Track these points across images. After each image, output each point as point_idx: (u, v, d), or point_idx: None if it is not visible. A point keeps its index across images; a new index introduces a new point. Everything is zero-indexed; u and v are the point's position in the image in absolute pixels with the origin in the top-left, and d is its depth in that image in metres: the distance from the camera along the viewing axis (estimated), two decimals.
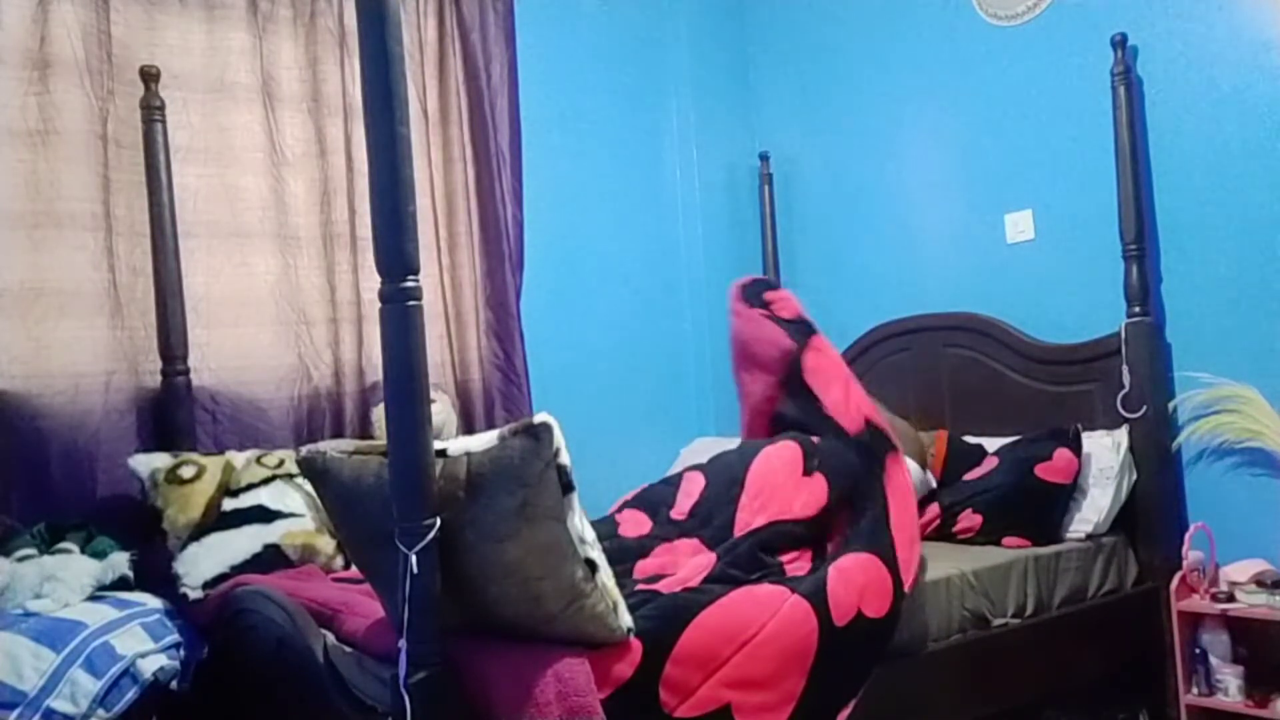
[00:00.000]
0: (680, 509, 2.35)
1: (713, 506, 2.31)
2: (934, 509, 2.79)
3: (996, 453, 2.85)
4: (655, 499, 2.43)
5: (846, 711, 1.92)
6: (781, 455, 2.34)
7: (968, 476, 2.83)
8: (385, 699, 1.47)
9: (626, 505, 2.48)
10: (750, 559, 2.08)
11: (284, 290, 2.87)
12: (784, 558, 2.15)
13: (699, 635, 1.73)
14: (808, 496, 2.23)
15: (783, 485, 2.27)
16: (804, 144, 3.86)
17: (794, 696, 1.82)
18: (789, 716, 1.81)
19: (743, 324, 2.69)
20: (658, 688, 1.67)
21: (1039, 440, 2.75)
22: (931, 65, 3.39)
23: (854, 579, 2.01)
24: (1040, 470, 2.65)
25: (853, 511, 2.24)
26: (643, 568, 2.12)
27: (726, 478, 2.36)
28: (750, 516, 2.22)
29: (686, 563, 2.12)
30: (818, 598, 1.92)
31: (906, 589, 2.09)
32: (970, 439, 3.00)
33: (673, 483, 2.47)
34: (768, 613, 1.84)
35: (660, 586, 1.94)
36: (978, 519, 2.69)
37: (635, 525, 2.34)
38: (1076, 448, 2.69)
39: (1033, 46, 3.09)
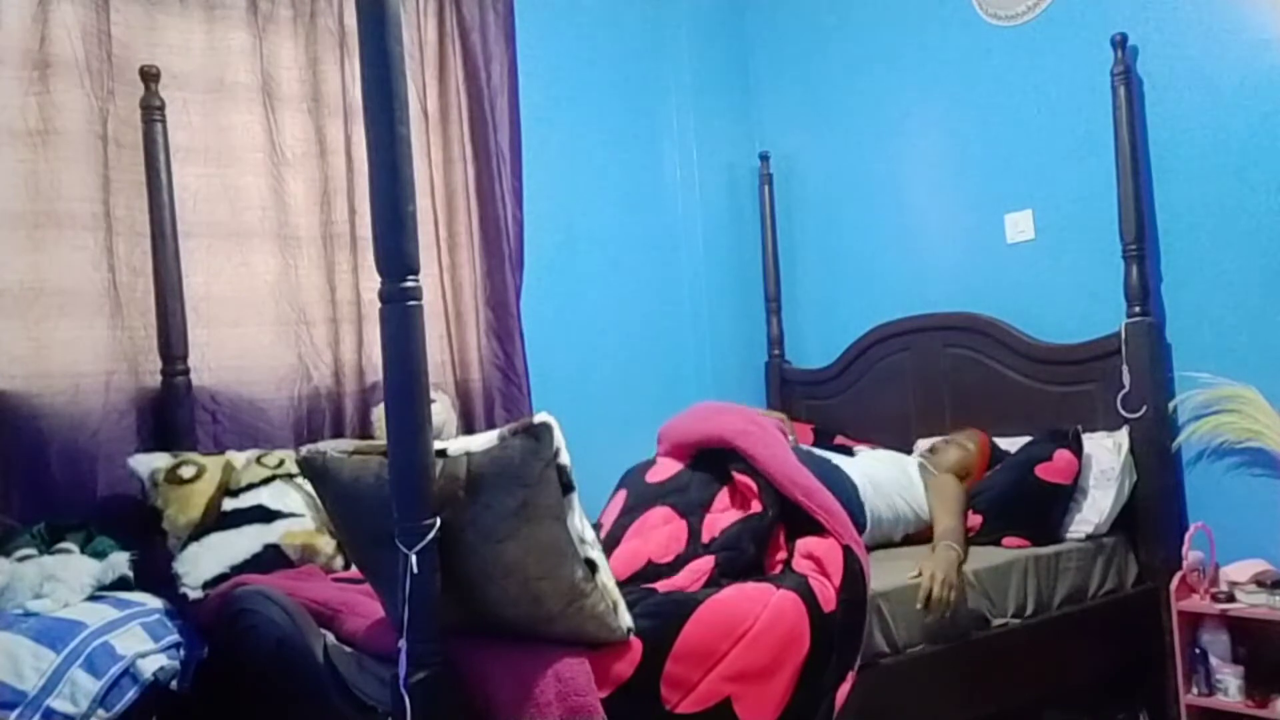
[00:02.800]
0: (657, 476, 2.42)
1: (691, 481, 2.36)
2: None
3: None
4: (633, 475, 2.51)
5: (847, 686, 1.93)
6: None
7: None
8: (385, 699, 1.47)
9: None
10: (749, 562, 2.10)
11: (284, 290, 2.87)
12: (769, 556, 2.18)
13: (697, 631, 1.74)
14: (750, 496, 2.29)
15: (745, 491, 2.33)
16: (804, 144, 3.86)
17: (791, 683, 1.83)
18: (788, 703, 1.82)
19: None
20: (659, 685, 1.67)
21: (1039, 440, 2.75)
22: (931, 65, 3.39)
23: (818, 556, 2.06)
24: (1040, 470, 2.65)
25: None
26: (616, 558, 2.16)
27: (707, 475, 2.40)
28: (725, 513, 2.28)
29: (659, 535, 2.20)
30: (803, 589, 1.95)
31: (843, 538, 2.11)
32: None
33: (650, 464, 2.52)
34: (760, 605, 1.86)
35: (657, 586, 1.94)
36: (977, 518, 2.69)
37: (613, 509, 2.41)
38: (1077, 449, 2.68)
39: (1033, 46, 3.09)
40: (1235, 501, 2.64)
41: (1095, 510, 2.68)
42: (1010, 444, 2.93)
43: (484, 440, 1.53)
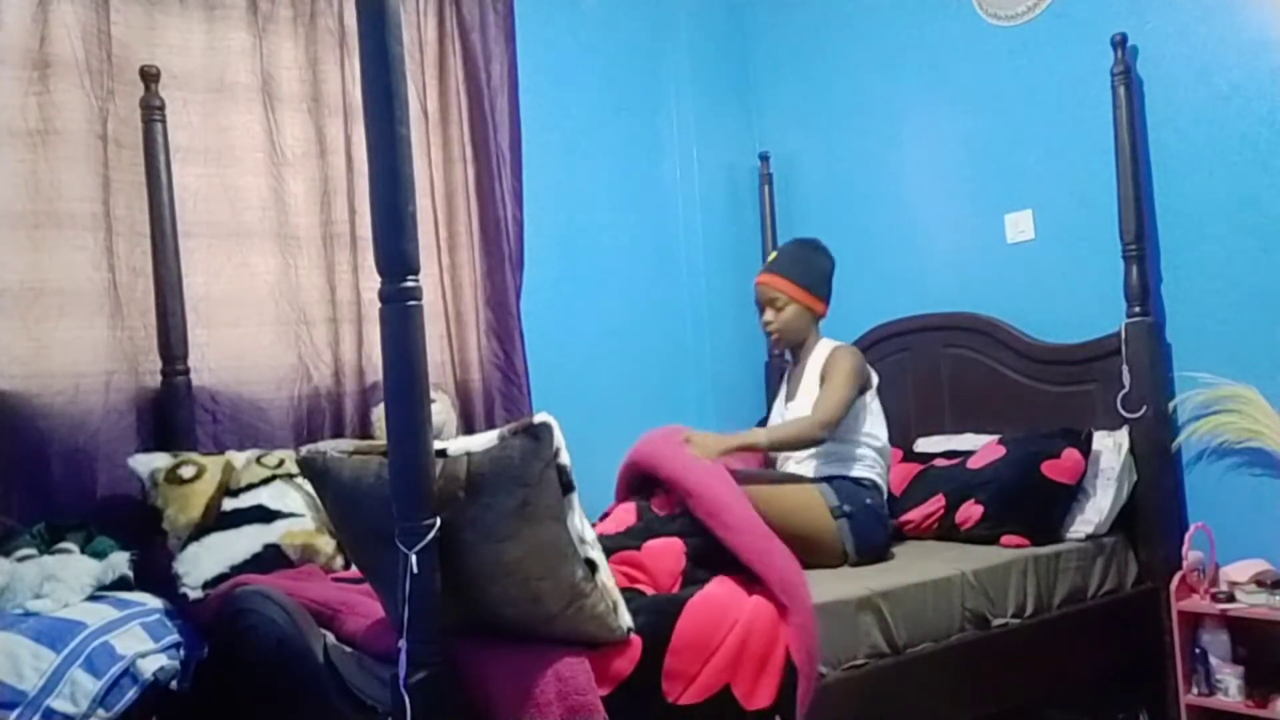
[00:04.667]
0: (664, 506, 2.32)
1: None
2: (939, 500, 2.79)
3: (1003, 442, 2.84)
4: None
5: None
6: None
7: (971, 465, 2.82)
8: (385, 699, 1.47)
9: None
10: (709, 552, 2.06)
11: (284, 290, 2.87)
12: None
13: (692, 623, 1.75)
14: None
15: None
16: (804, 144, 3.86)
17: (784, 664, 1.84)
18: (781, 684, 1.82)
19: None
20: (659, 679, 1.68)
21: (1051, 436, 2.73)
22: (931, 65, 3.39)
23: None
24: (1046, 468, 2.64)
25: None
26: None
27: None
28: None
29: (617, 516, 2.19)
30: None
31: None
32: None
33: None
34: (744, 596, 1.88)
35: (643, 590, 1.95)
36: (978, 510, 2.68)
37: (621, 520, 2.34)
38: (1086, 450, 2.68)
39: (1033, 46, 3.09)
40: (1235, 501, 2.64)
41: (1095, 510, 2.68)
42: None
43: (484, 440, 1.52)
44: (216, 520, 2.36)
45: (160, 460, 2.42)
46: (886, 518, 2.59)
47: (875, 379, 2.74)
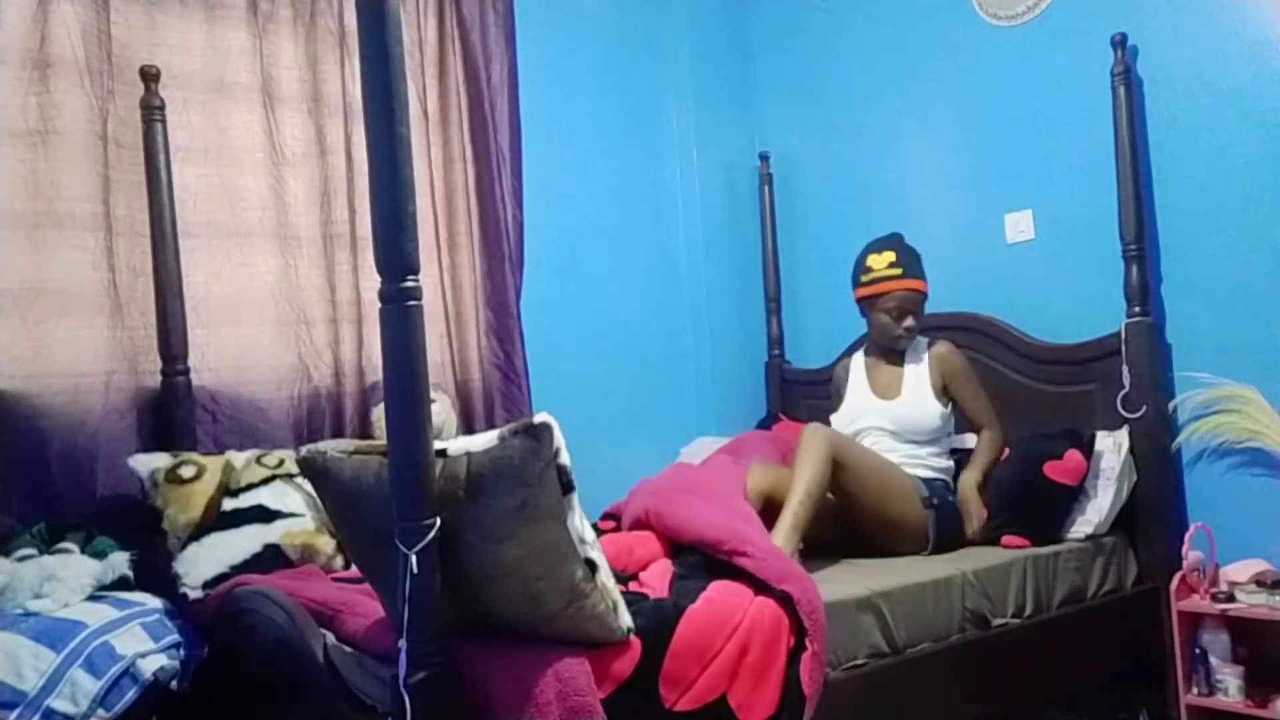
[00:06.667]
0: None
1: None
2: None
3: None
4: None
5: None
6: None
7: None
8: (385, 699, 1.47)
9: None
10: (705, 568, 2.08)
11: (284, 290, 2.87)
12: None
13: (693, 627, 1.74)
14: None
15: None
16: (804, 144, 3.86)
17: (782, 677, 1.83)
18: (780, 697, 1.82)
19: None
20: (657, 683, 1.67)
21: (1053, 437, 2.71)
22: (931, 65, 3.39)
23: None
24: (1048, 469, 2.63)
25: None
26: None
27: None
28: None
29: (639, 551, 2.20)
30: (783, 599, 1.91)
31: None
32: None
33: None
34: (747, 600, 1.87)
35: (640, 591, 1.95)
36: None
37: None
38: (1088, 452, 2.67)
39: (1033, 46, 3.10)
40: (1235, 501, 2.64)
41: (1095, 510, 2.68)
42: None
43: (484, 440, 1.52)
44: (216, 520, 2.36)
45: (160, 460, 2.42)
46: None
47: None
